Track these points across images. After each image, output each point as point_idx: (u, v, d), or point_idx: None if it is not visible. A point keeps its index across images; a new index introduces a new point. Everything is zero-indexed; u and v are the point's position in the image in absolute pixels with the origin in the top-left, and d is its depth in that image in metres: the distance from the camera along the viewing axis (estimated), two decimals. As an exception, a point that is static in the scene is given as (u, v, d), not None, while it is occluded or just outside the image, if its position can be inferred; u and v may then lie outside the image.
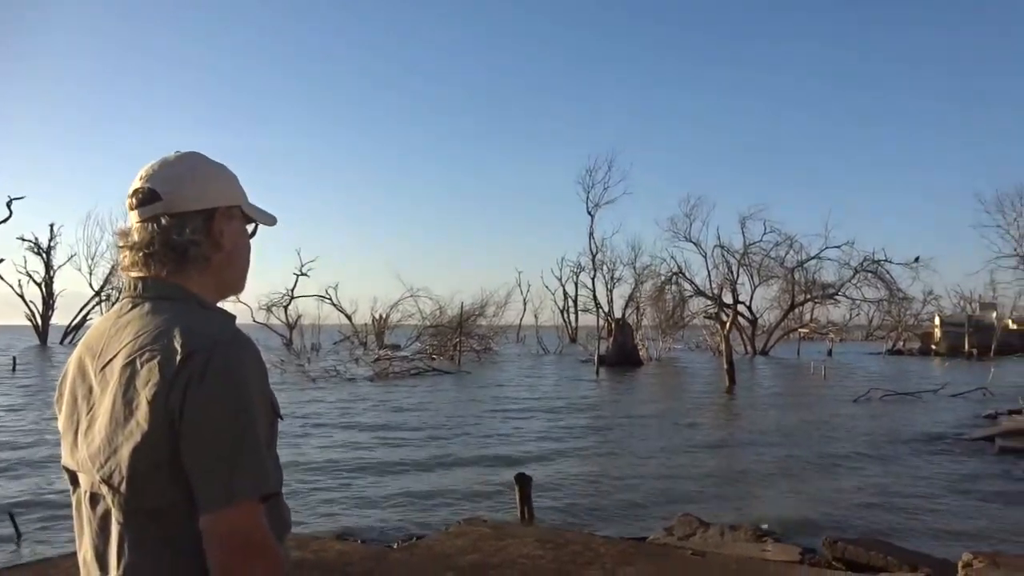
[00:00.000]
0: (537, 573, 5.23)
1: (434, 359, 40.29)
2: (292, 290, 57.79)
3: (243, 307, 56.39)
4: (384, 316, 55.25)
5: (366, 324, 56.95)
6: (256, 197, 1.56)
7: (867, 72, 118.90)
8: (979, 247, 77.47)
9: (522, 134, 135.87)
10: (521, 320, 74.64)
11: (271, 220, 1.58)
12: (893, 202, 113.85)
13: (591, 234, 57.10)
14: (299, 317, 60.17)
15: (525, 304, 74.66)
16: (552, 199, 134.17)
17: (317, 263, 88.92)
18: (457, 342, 43.24)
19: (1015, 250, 53.81)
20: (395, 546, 6.60)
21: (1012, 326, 58.17)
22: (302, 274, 56.62)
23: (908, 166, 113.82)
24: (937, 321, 58.92)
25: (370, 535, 7.88)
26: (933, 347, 56.71)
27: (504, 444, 14.57)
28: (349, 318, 57.16)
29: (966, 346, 53.19)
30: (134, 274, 1.41)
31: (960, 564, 5.11)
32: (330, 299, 57.43)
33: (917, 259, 49.81)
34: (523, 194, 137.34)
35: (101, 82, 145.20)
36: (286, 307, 58.63)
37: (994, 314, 58.88)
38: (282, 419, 1.45)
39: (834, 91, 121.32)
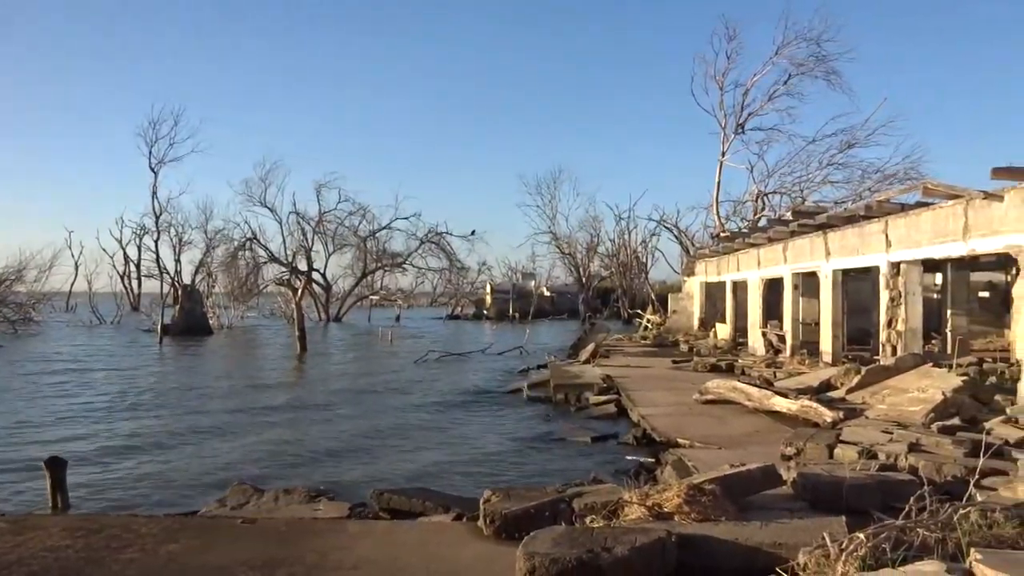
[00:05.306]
0: (60, 566, 4.73)
1: (-48, 332, 33.91)
2: None
3: None
4: None
5: None
6: None
7: (444, 63, 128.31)
8: (523, 223, 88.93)
9: (73, 72, 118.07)
10: (72, 286, 66.51)
11: None
12: (455, 178, 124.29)
13: (154, 193, 52.62)
14: None
15: (77, 268, 66.56)
16: (111, 150, 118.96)
17: None
18: (-15, 312, 36.93)
19: (549, 227, 62.86)
20: None
21: (547, 293, 68.10)
22: None
23: (466, 144, 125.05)
24: (488, 289, 66.56)
25: None
26: (485, 312, 63.81)
27: (37, 429, 12.85)
28: None
29: (511, 311, 60.69)
30: None
31: (482, 500, 5.85)
32: None
33: (473, 232, 55.95)
34: (74, 143, 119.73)
35: None
36: None
37: (533, 283, 68.32)
38: None
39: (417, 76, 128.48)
